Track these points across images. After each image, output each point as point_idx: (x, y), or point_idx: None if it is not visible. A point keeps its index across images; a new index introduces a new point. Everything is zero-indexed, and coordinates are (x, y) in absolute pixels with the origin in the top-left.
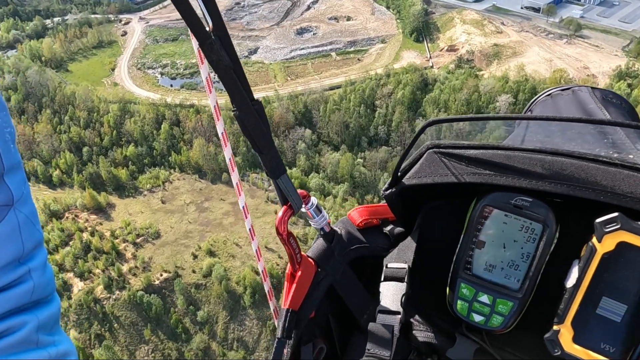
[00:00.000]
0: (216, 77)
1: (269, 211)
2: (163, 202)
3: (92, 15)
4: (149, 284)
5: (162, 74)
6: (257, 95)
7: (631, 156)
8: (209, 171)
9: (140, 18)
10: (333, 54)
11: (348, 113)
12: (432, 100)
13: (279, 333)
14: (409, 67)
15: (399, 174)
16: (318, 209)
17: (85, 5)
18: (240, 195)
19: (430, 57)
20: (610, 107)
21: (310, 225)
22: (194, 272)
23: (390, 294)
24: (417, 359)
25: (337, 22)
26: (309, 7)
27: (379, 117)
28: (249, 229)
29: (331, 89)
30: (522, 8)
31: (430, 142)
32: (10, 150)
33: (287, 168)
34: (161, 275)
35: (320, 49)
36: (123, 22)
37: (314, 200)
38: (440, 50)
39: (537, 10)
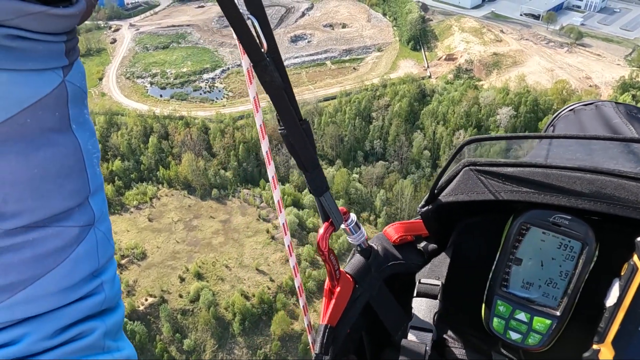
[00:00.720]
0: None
1: (261, 230)
2: (150, 220)
3: None
4: (133, 310)
5: (151, 83)
6: (248, 107)
7: None
8: (198, 187)
9: (131, 25)
10: (328, 62)
11: (343, 126)
12: (430, 112)
13: (317, 349)
14: (406, 78)
15: (436, 191)
16: (357, 226)
17: None
18: (281, 212)
19: (428, 67)
20: (635, 122)
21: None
22: (180, 296)
23: (423, 311)
24: None
25: (333, 29)
26: (303, 14)
27: (375, 130)
28: (288, 246)
29: (325, 99)
30: (521, 15)
31: (466, 160)
32: (96, 173)
33: (280, 184)
34: (146, 300)
35: (314, 57)
36: (112, 29)
37: (353, 217)
38: (439, 59)
39: (536, 17)
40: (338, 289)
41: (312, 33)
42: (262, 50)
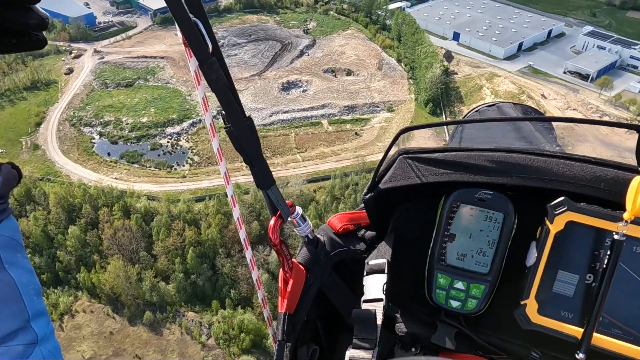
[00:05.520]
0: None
1: None
2: None
3: None
4: None
5: (101, 134)
6: (213, 183)
7: (547, 146)
8: (128, 301)
9: (95, 51)
10: (324, 122)
11: None
12: None
13: (279, 336)
14: None
15: (377, 179)
16: (303, 218)
17: None
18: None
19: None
20: None
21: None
22: None
23: (373, 285)
24: (402, 350)
25: (335, 76)
26: (302, 53)
27: None
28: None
29: (314, 180)
30: (565, 73)
31: (400, 149)
32: (33, 301)
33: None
34: None
35: (309, 113)
36: (73, 55)
37: (299, 210)
38: None
39: (584, 77)
40: (292, 279)
41: (309, 80)
42: (208, 50)
